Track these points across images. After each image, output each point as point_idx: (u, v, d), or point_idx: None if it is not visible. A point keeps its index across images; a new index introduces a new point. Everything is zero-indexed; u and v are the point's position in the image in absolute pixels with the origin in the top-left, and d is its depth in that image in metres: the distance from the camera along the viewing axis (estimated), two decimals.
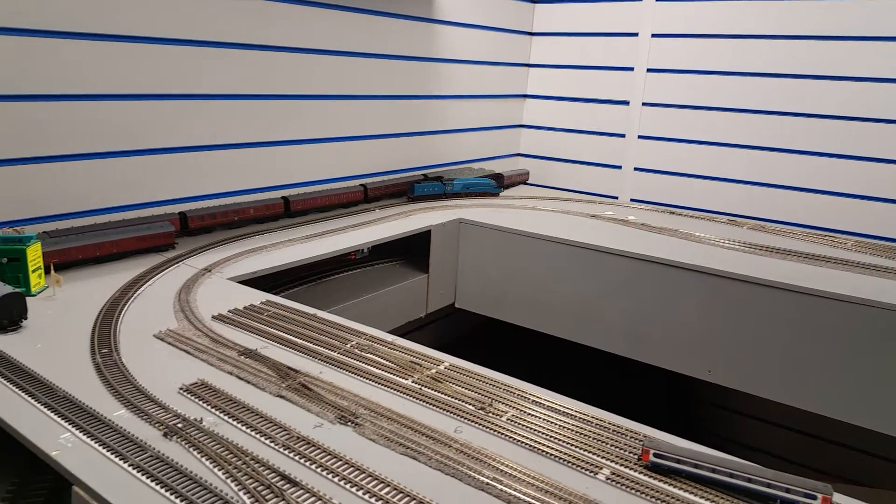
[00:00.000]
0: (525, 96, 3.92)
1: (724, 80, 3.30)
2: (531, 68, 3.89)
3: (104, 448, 1.05)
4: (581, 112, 3.72)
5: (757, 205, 3.25)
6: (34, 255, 1.69)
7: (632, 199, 3.57)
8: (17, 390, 1.22)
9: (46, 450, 1.05)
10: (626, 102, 3.57)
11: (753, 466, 1.04)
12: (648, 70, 3.51)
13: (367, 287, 2.52)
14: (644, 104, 3.53)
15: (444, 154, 3.49)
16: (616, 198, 3.59)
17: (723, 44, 3.29)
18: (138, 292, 1.74)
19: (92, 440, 1.07)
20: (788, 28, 3.09)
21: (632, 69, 3.54)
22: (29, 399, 1.19)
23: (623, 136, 3.60)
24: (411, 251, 2.81)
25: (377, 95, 3.01)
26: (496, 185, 3.10)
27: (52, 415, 1.14)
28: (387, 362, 1.42)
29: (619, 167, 3.63)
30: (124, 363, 1.34)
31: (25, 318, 1.50)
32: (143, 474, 0.99)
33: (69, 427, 1.11)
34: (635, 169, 3.60)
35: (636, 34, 3.52)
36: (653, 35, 3.49)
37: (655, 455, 1.07)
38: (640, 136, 3.57)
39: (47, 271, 1.73)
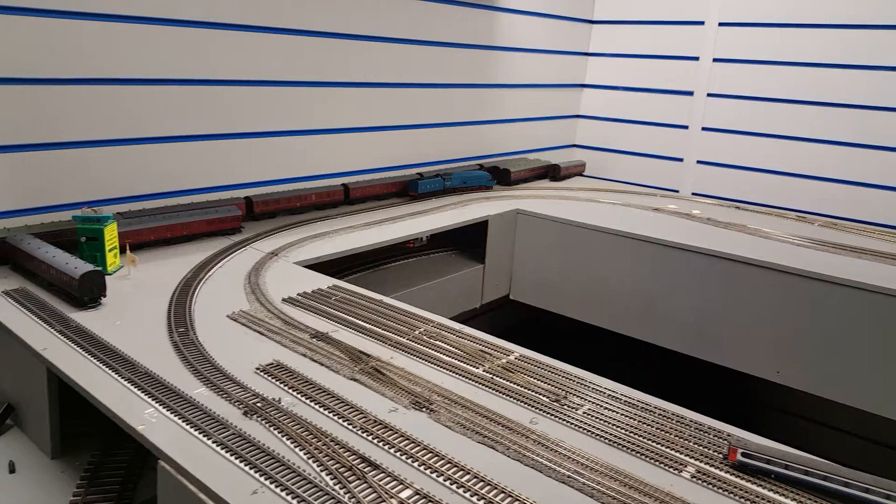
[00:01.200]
0: (583, 86, 3.85)
1: (795, 71, 3.18)
2: (590, 57, 3.81)
3: (188, 424, 1.07)
4: (641, 102, 3.63)
5: (828, 201, 3.12)
6: (111, 234, 1.74)
7: (693, 193, 3.47)
8: (101, 365, 1.25)
9: (133, 424, 1.07)
10: (690, 93, 3.47)
11: (849, 471, 0.99)
12: (715, 60, 3.40)
13: (424, 276, 2.52)
14: (709, 95, 3.43)
15: (498, 144, 3.46)
16: (677, 191, 3.50)
17: (794, 33, 3.16)
18: (209, 274, 1.77)
19: (176, 416, 1.09)
20: (865, 17, 2.95)
21: (697, 59, 3.44)
22: (112, 374, 1.22)
23: (686, 127, 3.51)
24: (467, 241, 2.79)
25: (434, 84, 3.00)
26: (490, 177, 3.03)
27: (135, 390, 1.17)
28: (456, 350, 1.41)
29: (681, 160, 3.54)
30: (201, 342, 1.36)
31: (104, 296, 1.54)
32: (226, 451, 1.00)
33: (153, 403, 1.13)
34: (698, 162, 3.50)
35: (702, 22, 3.42)
36: (720, 24, 3.37)
37: (743, 454, 1.03)
38: (703, 129, 3.47)
39: (122, 251, 1.78)
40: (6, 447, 1.37)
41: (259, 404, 1.13)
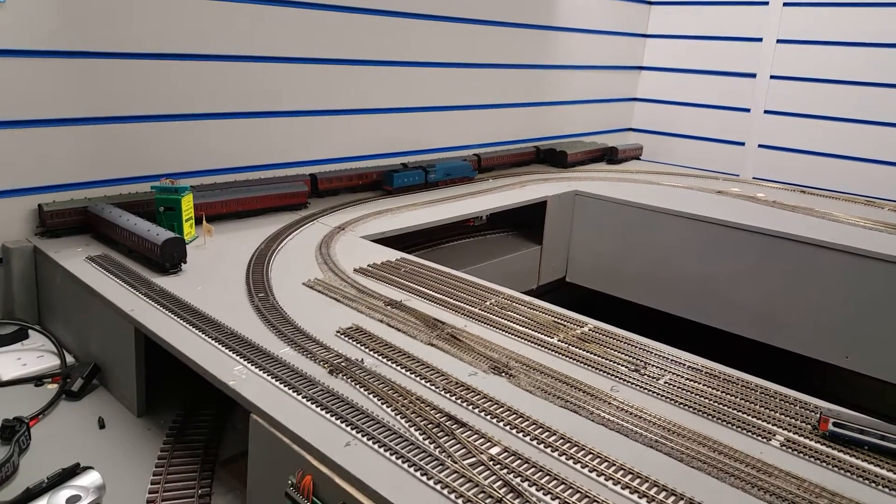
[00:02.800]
0: (641, 68, 3.79)
1: (861, 52, 3.07)
2: (648, 39, 3.74)
3: (277, 381, 1.10)
4: (701, 85, 3.56)
5: None
6: (187, 205, 1.79)
7: (754, 178, 3.38)
8: (188, 325, 1.29)
9: (224, 380, 1.10)
10: (753, 75, 3.38)
11: None
12: (778, 41, 3.30)
13: (481, 256, 2.52)
14: (772, 77, 3.33)
15: (553, 127, 3.43)
16: (737, 175, 3.42)
17: (860, 12, 3.05)
18: (281, 245, 1.80)
19: (264, 373, 1.12)
20: None
21: (760, 40, 3.35)
22: (200, 334, 1.26)
23: (748, 110, 3.42)
24: (524, 223, 2.78)
25: (490, 64, 2.98)
26: (473, 168, 2.77)
27: (223, 349, 1.20)
28: (529, 320, 1.41)
29: (742, 143, 3.45)
30: (281, 306, 1.39)
31: (185, 262, 1.59)
32: (317, 406, 1.03)
33: (241, 360, 1.16)
34: (759, 146, 3.41)
35: (766, 2, 3.32)
36: (784, 3, 3.27)
37: (835, 424, 1.01)
38: (766, 111, 3.38)
39: (198, 222, 1.83)
40: (94, 406, 1.43)
41: (343, 364, 1.16)
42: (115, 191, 1.91)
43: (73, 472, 1.10)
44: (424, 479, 0.87)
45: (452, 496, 0.84)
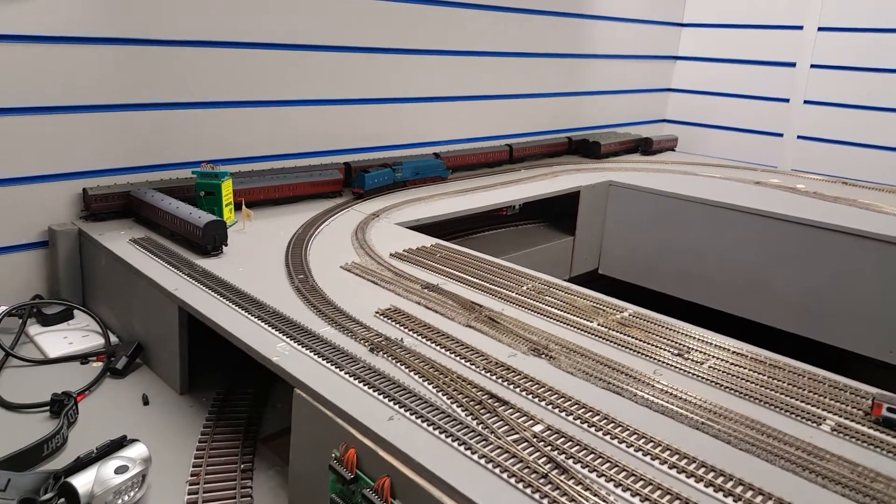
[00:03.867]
0: (676, 58, 3.73)
1: None
2: (684, 28, 3.68)
3: (319, 357, 1.11)
4: (738, 74, 3.49)
5: None
6: (227, 190, 1.81)
7: (793, 170, 3.31)
8: (231, 304, 1.31)
9: (268, 356, 1.12)
10: (793, 64, 3.31)
11: None
12: (820, 29, 3.23)
13: (513, 246, 2.52)
14: (813, 66, 3.26)
15: (586, 117, 3.40)
16: (775, 167, 3.35)
17: None
18: (318, 231, 1.82)
19: (307, 350, 1.13)
20: None
21: (801, 27, 3.27)
22: (242, 312, 1.28)
23: (787, 100, 3.35)
24: (557, 214, 2.77)
25: (522, 53, 2.97)
26: (445, 167, 2.52)
27: (266, 326, 1.22)
28: (567, 305, 1.40)
29: (781, 135, 3.38)
30: (320, 287, 1.40)
31: (226, 245, 1.61)
32: (359, 381, 1.03)
33: (283, 338, 1.18)
34: (799, 137, 3.34)
35: None
36: None
37: (889, 409, 0.99)
38: (806, 102, 3.30)
39: (237, 208, 1.85)
40: (137, 383, 1.46)
41: (383, 342, 1.16)
42: (156, 176, 1.94)
43: (121, 443, 1.12)
44: (468, 453, 0.87)
45: (497, 470, 0.84)
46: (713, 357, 1.20)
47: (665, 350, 1.21)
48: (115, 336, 1.60)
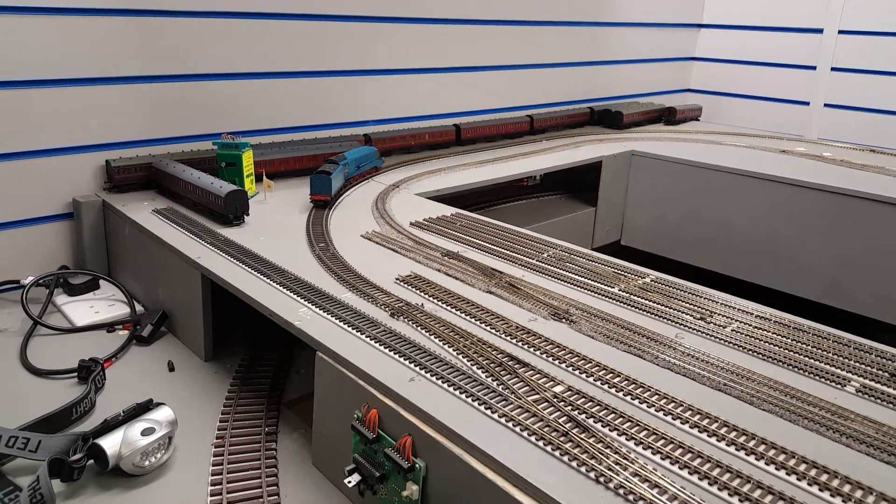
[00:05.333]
0: (700, 26, 3.65)
1: None
2: None
3: (341, 321, 1.11)
4: (764, 42, 3.40)
5: None
6: (248, 161, 1.82)
7: (819, 138, 3.24)
8: (252, 271, 1.32)
9: (290, 320, 1.13)
10: (820, 30, 3.22)
11: None
12: None
13: (535, 217, 2.50)
14: (841, 32, 3.16)
15: (608, 87, 3.35)
16: (801, 136, 3.27)
17: None
18: (338, 201, 1.82)
19: (328, 314, 1.14)
20: None
21: None
22: (264, 279, 1.29)
23: (813, 68, 3.26)
24: (579, 185, 2.74)
25: (542, 21, 2.92)
26: (378, 155, 2.14)
27: (288, 292, 1.23)
28: (587, 271, 1.40)
29: (807, 103, 3.30)
30: (341, 255, 1.41)
31: (248, 214, 1.62)
32: (380, 344, 1.04)
33: (305, 303, 1.19)
34: (825, 105, 3.26)
35: None
36: None
37: None
38: (833, 69, 3.22)
39: (258, 179, 1.86)
40: (163, 351, 1.49)
41: (404, 307, 1.17)
42: (177, 148, 1.95)
43: (147, 406, 1.15)
44: (489, 412, 0.88)
45: (517, 429, 0.84)
46: (736, 321, 1.18)
47: (687, 314, 1.20)
48: (140, 305, 1.63)
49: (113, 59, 1.78)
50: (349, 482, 0.95)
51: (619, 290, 1.30)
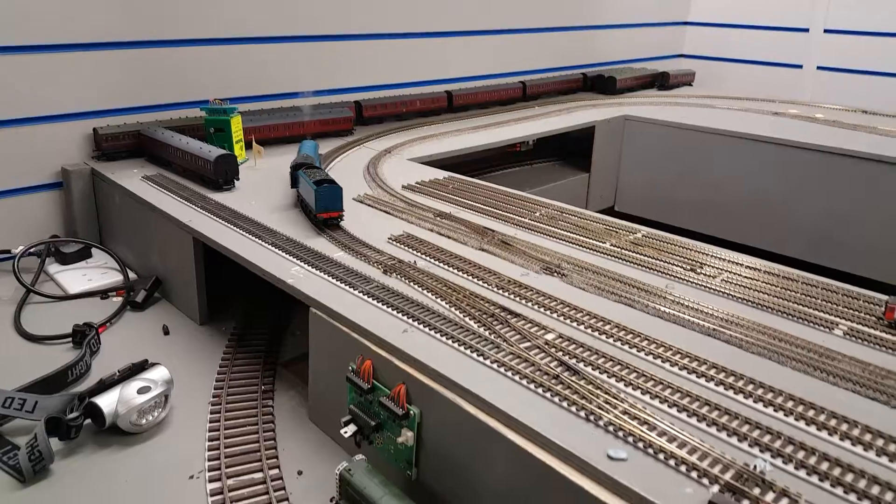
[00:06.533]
0: None
1: None
2: None
3: (333, 279, 1.12)
4: (757, 4, 3.37)
5: None
6: (237, 126, 1.81)
7: (813, 101, 3.23)
8: (244, 233, 1.32)
9: (283, 278, 1.13)
10: None
11: None
12: None
13: (528, 183, 2.49)
14: None
15: (601, 53, 3.32)
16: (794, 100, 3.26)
17: None
18: (329, 167, 1.81)
19: (321, 272, 1.14)
20: None
21: None
22: (256, 240, 1.29)
23: (806, 30, 3.24)
24: (571, 152, 2.73)
25: None
26: (316, 146, 1.77)
27: (280, 252, 1.23)
28: (580, 228, 1.40)
29: (800, 66, 3.29)
30: None
31: (237, 179, 1.61)
32: (373, 299, 1.05)
33: (298, 262, 1.19)
34: (818, 68, 3.24)
35: None
36: None
37: None
38: (826, 31, 3.19)
39: (248, 146, 1.85)
40: (157, 316, 1.49)
41: (397, 264, 1.17)
42: (165, 116, 1.94)
43: (143, 366, 1.15)
44: (481, 359, 0.89)
45: (509, 374, 0.85)
46: (726, 271, 1.19)
47: (677, 266, 1.21)
48: (133, 272, 1.63)
49: (100, 24, 1.76)
50: (345, 433, 0.96)
51: (611, 245, 1.31)
